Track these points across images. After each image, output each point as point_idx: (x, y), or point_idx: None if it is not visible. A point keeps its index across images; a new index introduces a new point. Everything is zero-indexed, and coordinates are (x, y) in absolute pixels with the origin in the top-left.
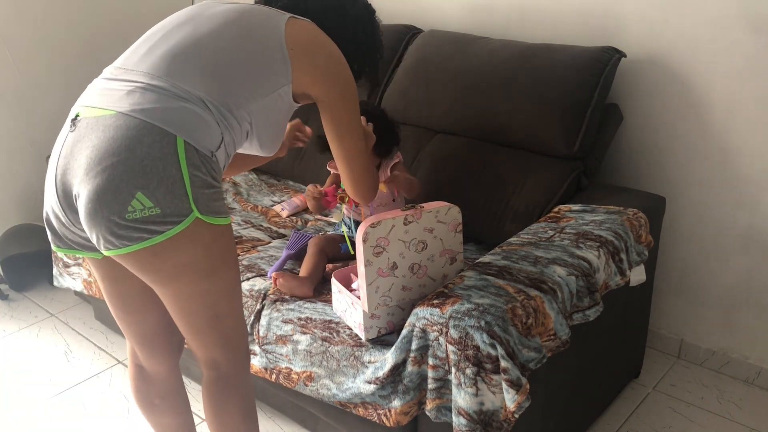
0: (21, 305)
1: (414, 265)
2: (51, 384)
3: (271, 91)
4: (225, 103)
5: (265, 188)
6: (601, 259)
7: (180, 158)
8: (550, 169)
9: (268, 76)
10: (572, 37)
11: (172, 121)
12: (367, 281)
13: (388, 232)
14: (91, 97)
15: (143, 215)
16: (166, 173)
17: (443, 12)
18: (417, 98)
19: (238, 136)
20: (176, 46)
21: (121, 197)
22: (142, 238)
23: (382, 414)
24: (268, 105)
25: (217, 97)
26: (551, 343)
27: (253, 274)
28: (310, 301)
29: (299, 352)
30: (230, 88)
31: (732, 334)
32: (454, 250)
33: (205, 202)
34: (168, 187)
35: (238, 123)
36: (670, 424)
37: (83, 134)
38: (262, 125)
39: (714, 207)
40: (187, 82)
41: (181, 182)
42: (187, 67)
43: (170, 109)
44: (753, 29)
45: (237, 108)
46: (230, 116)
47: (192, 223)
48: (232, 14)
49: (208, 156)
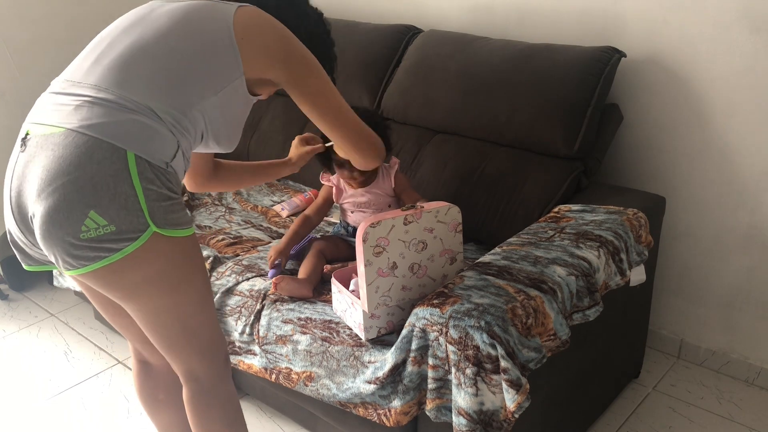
0: (21, 305)
1: (414, 265)
2: (51, 384)
3: (224, 86)
4: (177, 107)
5: (265, 188)
6: (601, 259)
7: (132, 173)
8: (550, 169)
9: (219, 71)
10: (572, 37)
11: (122, 135)
12: (367, 281)
13: (388, 232)
14: (40, 114)
15: (98, 234)
16: (118, 189)
17: (443, 12)
18: (417, 98)
19: (193, 139)
20: (123, 54)
21: (73, 217)
22: (99, 257)
23: (382, 414)
24: (223, 101)
25: (168, 102)
26: (551, 343)
27: (253, 274)
28: (310, 302)
29: (299, 352)
30: (181, 90)
31: (732, 334)
32: (454, 250)
33: (162, 215)
34: (121, 204)
35: (192, 125)
36: (670, 424)
37: (33, 154)
38: (217, 122)
39: (714, 207)
40: (135, 92)
41: (134, 198)
42: (135, 76)
43: (119, 122)
44: (753, 29)
45: (189, 109)
46: (184, 119)
47: (150, 238)
48: (177, 12)
49: (162, 168)
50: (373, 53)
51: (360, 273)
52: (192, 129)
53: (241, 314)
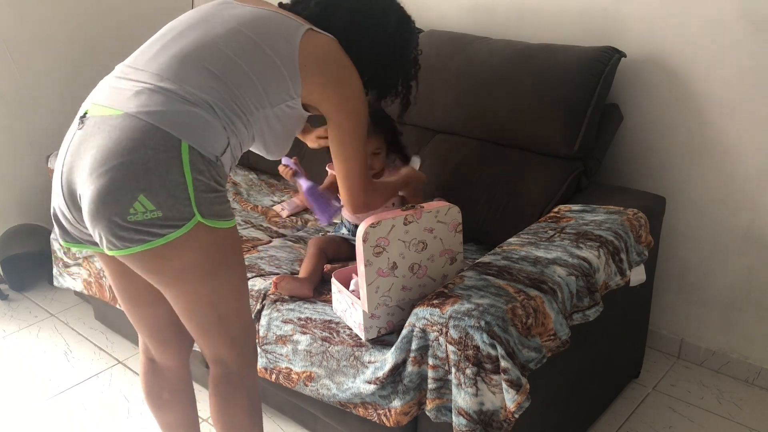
0: (21, 305)
1: (414, 265)
2: (51, 384)
3: (278, 103)
4: (232, 108)
5: (265, 188)
6: (601, 259)
7: (183, 162)
8: (550, 169)
9: (276, 88)
10: (572, 37)
11: (178, 125)
12: (367, 281)
13: (388, 232)
14: (101, 95)
15: (145, 218)
16: (169, 177)
17: (443, 12)
18: (417, 98)
19: (244, 140)
20: (187, 48)
21: (123, 199)
22: (143, 240)
23: (382, 414)
24: (275, 115)
25: (226, 101)
26: (551, 343)
27: (253, 274)
28: (310, 301)
29: (299, 352)
30: (238, 94)
31: (732, 334)
32: (454, 250)
33: (207, 206)
34: (170, 191)
35: (246, 128)
36: (670, 424)
37: (90, 133)
38: (268, 132)
39: (714, 207)
40: (195, 85)
41: (183, 186)
42: (197, 70)
43: (176, 112)
44: (753, 29)
45: (244, 114)
46: (237, 121)
47: (194, 227)
48: (247, 18)
49: (212, 160)
50: None
51: (360, 273)
52: (245, 132)
53: None
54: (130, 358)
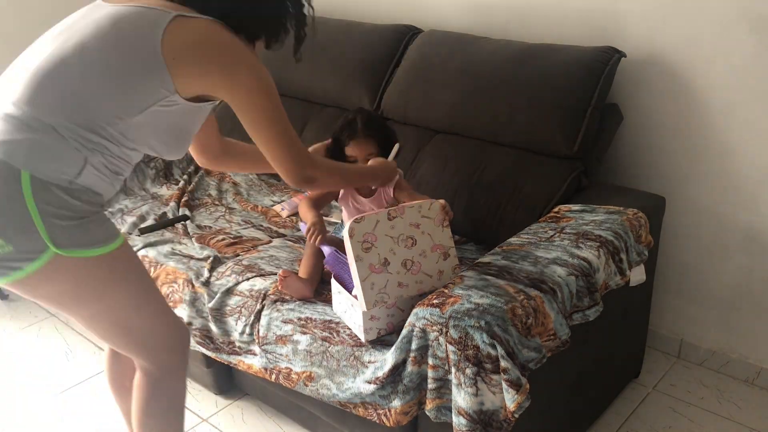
0: (21, 305)
1: (407, 261)
2: (51, 384)
3: (148, 106)
4: (86, 126)
5: (265, 188)
6: (601, 259)
7: (24, 193)
8: (550, 169)
9: (141, 92)
10: (572, 37)
11: (17, 155)
12: (360, 277)
13: (374, 227)
14: None
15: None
16: (13, 210)
17: (443, 12)
18: (417, 98)
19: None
20: (42, 66)
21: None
22: (4, 273)
23: (382, 414)
24: (150, 119)
25: (77, 120)
26: (551, 343)
27: (253, 274)
28: (310, 302)
29: (299, 352)
30: (95, 108)
31: (732, 334)
32: (444, 245)
33: (64, 235)
34: (16, 224)
35: (113, 141)
36: (670, 424)
37: None
38: (152, 136)
39: (714, 207)
40: (41, 110)
41: (28, 217)
42: (46, 92)
43: (16, 141)
44: (753, 29)
45: (105, 126)
46: (96, 136)
47: (51, 258)
48: (104, 22)
49: (64, 186)
50: (373, 53)
51: (353, 270)
52: (112, 145)
53: (241, 314)
54: None
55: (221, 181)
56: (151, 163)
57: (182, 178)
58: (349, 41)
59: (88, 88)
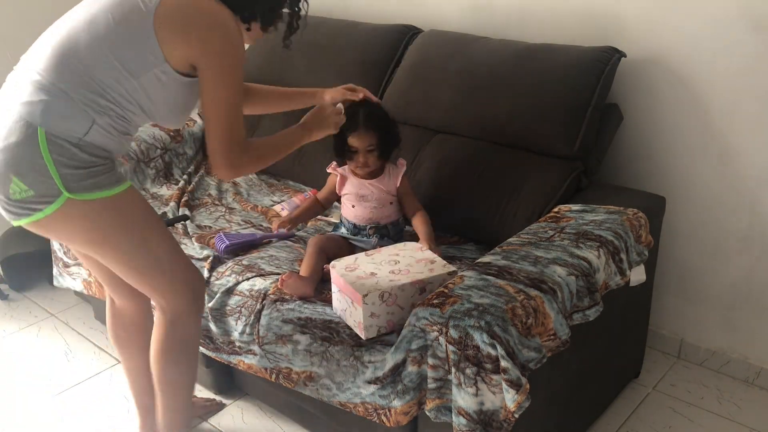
0: (21, 305)
1: (393, 270)
2: (51, 384)
3: (142, 72)
4: (92, 89)
5: (265, 188)
6: (601, 259)
7: (41, 146)
8: (550, 169)
9: (135, 58)
10: (572, 37)
11: (35, 114)
12: (349, 281)
13: (354, 261)
14: (4, 89)
15: (22, 196)
16: (33, 160)
17: (443, 12)
18: (417, 98)
19: (123, 113)
20: (59, 38)
21: (4, 180)
22: (27, 214)
23: (382, 414)
24: (144, 85)
25: (85, 84)
26: (551, 343)
27: (253, 274)
28: (310, 301)
29: (299, 352)
30: (100, 74)
31: (732, 334)
32: (428, 258)
33: (76, 181)
34: (37, 172)
35: (115, 105)
36: (670, 424)
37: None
38: (147, 103)
39: (714, 207)
40: (57, 76)
41: (45, 168)
42: (62, 61)
43: (35, 103)
44: (753, 29)
45: (106, 91)
46: (101, 99)
47: (66, 202)
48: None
49: (74, 141)
50: (373, 53)
51: (341, 285)
52: (116, 107)
53: (241, 314)
54: None
55: (221, 181)
56: (151, 163)
57: (182, 178)
58: (349, 41)
59: (94, 56)
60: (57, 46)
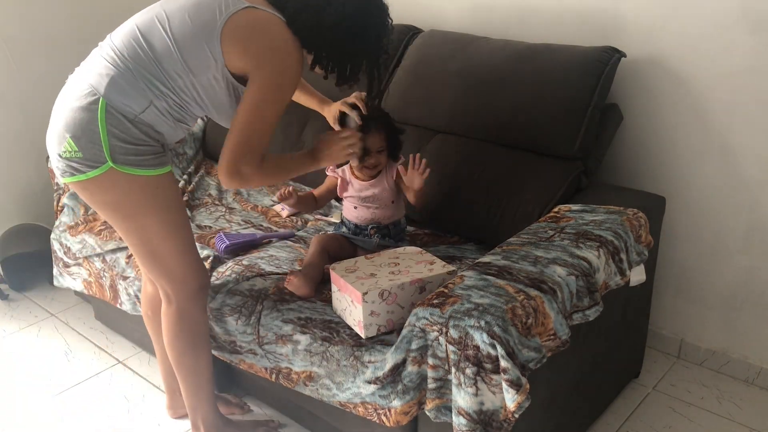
0: (21, 305)
1: (393, 271)
2: (51, 384)
3: (201, 72)
4: (156, 74)
5: (265, 188)
6: (601, 259)
7: (99, 116)
8: (550, 169)
9: (197, 58)
10: (572, 37)
11: (101, 85)
12: (349, 281)
13: (354, 264)
14: (87, 60)
15: (71, 156)
16: (89, 126)
17: (443, 12)
18: (417, 98)
19: (180, 102)
20: (140, 22)
21: (60, 139)
22: (71, 173)
23: (382, 414)
24: (203, 83)
25: (149, 68)
26: (551, 343)
27: (253, 274)
28: (310, 301)
29: (299, 352)
30: (165, 64)
31: (732, 334)
32: (427, 260)
33: (121, 154)
34: (89, 138)
35: (174, 93)
36: (670, 424)
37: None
38: (202, 98)
39: (714, 207)
40: (129, 53)
41: (98, 136)
42: (136, 41)
43: (105, 75)
44: (753, 29)
45: (166, 80)
46: (161, 85)
47: (108, 170)
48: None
49: (130, 117)
50: None
51: (341, 284)
52: (174, 96)
53: (241, 314)
54: (130, 357)
55: None
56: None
57: (182, 178)
58: None
59: (163, 47)
60: (137, 30)
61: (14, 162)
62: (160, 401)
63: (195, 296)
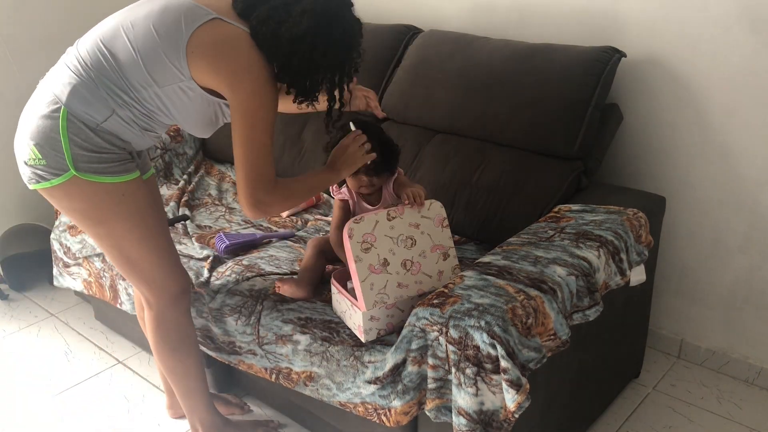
0: (21, 305)
1: (406, 262)
2: (51, 384)
3: (167, 84)
4: (119, 84)
5: None
6: (601, 259)
7: (61, 124)
8: (550, 169)
9: (163, 71)
10: (572, 37)
11: (63, 94)
12: (360, 278)
13: (373, 228)
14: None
15: (36, 164)
16: (51, 135)
17: (443, 12)
18: (417, 98)
19: (144, 112)
20: (104, 31)
21: (25, 146)
22: (37, 180)
23: (382, 414)
24: (169, 94)
25: (113, 78)
26: (551, 343)
27: (253, 274)
28: (311, 301)
29: (299, 352)
30: (129, 74)
31: (732, 334)
32: (444, 245)
33: (84, 162)
34: (51, 146)
35: (136, 102)
36: (670, 424)
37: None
38: (170, 110)
39: (714, 207)
40: (93, 63)
41: (60, 144)
42: (100, 51)
43: (68, 84)
44: (753, 29)
45: (132, 91)
46: (124, 95)
47: (71, 178)
48: (156, 8)
49: (91, 126)
50: (373, 53)
51: (352, 270)
52: (139, 106)
53: (241, 314)
54: (130, 357)
55: (221, 181)
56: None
57: (182, 178)
58: None
59: (128, 57)
60: (101, 38)
61: (14, 162)
62: (159, 401)
63: (175, 301)
